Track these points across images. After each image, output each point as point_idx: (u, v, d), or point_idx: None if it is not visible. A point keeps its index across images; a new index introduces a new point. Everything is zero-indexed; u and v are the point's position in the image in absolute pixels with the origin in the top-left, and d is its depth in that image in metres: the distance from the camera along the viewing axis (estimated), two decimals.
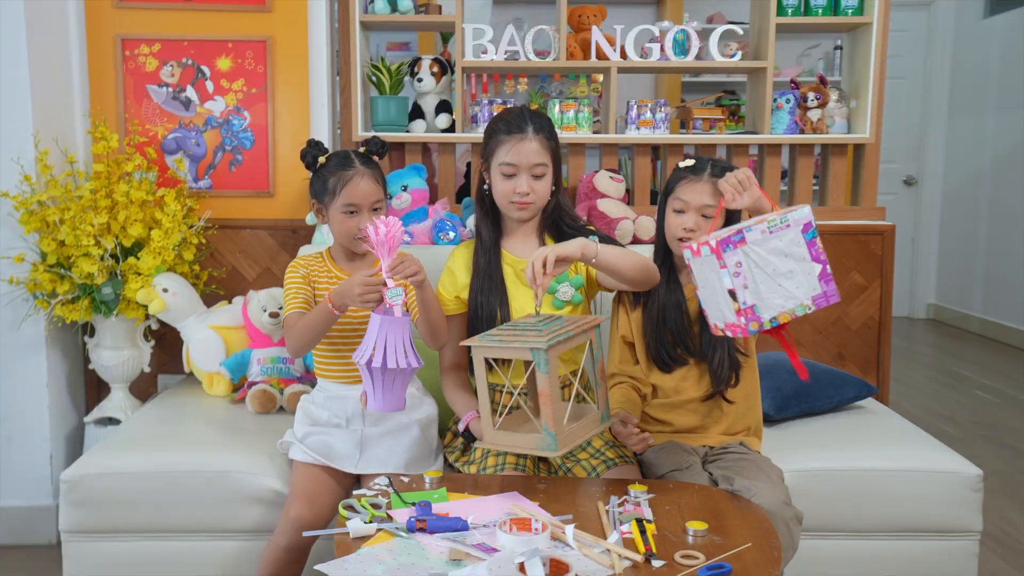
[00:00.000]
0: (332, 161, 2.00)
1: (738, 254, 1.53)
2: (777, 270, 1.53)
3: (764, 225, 1.53)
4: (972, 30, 6.08)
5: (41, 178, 2.55)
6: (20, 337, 2.60)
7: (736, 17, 5.36)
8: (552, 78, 5.62)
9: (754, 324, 1.55)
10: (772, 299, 1.54)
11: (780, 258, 1.53)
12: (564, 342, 1.62)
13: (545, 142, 1.99)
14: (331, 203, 1.98)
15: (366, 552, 1.46)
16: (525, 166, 1.97)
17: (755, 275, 1.53)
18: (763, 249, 1.53)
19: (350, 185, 1.95)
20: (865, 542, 2.06)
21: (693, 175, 1.94)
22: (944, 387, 4.59)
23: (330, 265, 2.04)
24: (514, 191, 1.98)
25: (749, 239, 1.53)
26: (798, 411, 2.32)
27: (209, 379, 2.49)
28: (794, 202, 2.99)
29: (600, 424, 1.74)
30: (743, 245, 1.53)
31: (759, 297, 1.54)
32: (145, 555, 2.03)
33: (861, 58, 2.94)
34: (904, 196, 6.48)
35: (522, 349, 1.60)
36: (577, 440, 1.67)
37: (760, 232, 1.53)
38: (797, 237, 1.53)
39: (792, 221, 1.53)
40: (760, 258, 1.53)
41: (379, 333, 1.67)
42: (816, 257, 1.53)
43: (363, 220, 1.95)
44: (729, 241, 1.53)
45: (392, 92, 2.89)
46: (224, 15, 2.78)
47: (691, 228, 1.92)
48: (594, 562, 1.41)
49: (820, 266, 1.52)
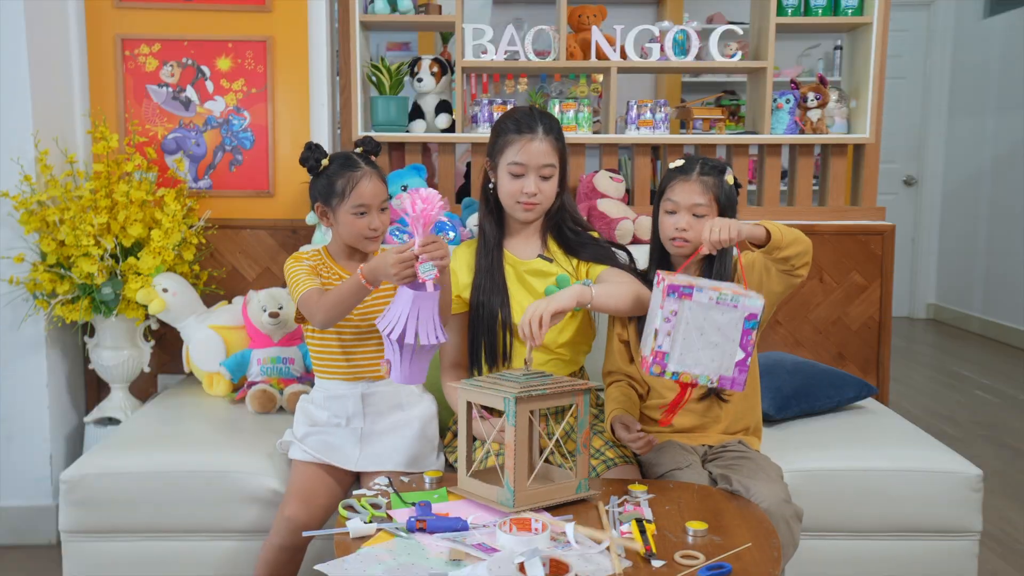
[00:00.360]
0: (336, 163, 1.99)
1: (678, 304, 1.59)
2: (705, 337, 1.59)
3: (715, 295, 1.58)
4: (972, 30, 6.08)
5: (41, 178, 2.55)
6: (20, 337, 2.60)
7: (736, 17, 5.36)
8: (552, 78, 5.62)
9: (657, 368, 1.62)
10: (685, 357, 1.60)
11: (713, 329, 1.59)
12: (539, 398, 1.60)
13: (554, 143, 1.98)
14: (339, 205, 1.97)
15: (366, 552, 1.46)
16: (534, 166, 1.96)
17: (682, 330, 1.59)
18: (701, 313, 1.59)
19: (360, 186, 1.95)
20: (865, 542, 2.06)
21: (682, 175, 1.95)
22: (944, 387, 4.59)
23: (330, 263, 2.05)
24: (521, 191, 1.97)
25: (695, 297, 1.58)
26: (798, 411, 2.32)
27: (209, 379, 2.49)
28: (794, 203, 3.00)
29: (573, 493, 1.66)
30: (687, 299, 1.59)
31: (674, 349, 1.60)
32: (145, 555, 2.03)
33: (861, 58, 2.94)
34: (904, 196, 6.48)
35: (496, 397, 1.60)
36: (538, 502, 1.60)
37: (708, 298, 1.58)
38: (737, 321, 1.59)
39: (741, 305, 1.59)
40: (695, 319, 1.59)
41: (411, 308, 1.66)
42: (744, 346, 1.59)
43: (373, 220, 1.96)
44: (677, 289, 1.58)
45: (392, 92, 2.89)
46: (224, 15, 2.78)
47: (683, 228, 1.92)
48: (594, 562, 1.41)
49: (743, 355, 1.58)
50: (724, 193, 1.93)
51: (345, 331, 1.99)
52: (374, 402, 1.99)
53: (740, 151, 3.00)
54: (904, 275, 6.44)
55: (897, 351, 5.31)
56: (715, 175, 1.93)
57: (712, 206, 1.92)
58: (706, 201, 1.91)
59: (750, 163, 3.65)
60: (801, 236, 1.78)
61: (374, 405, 1.99)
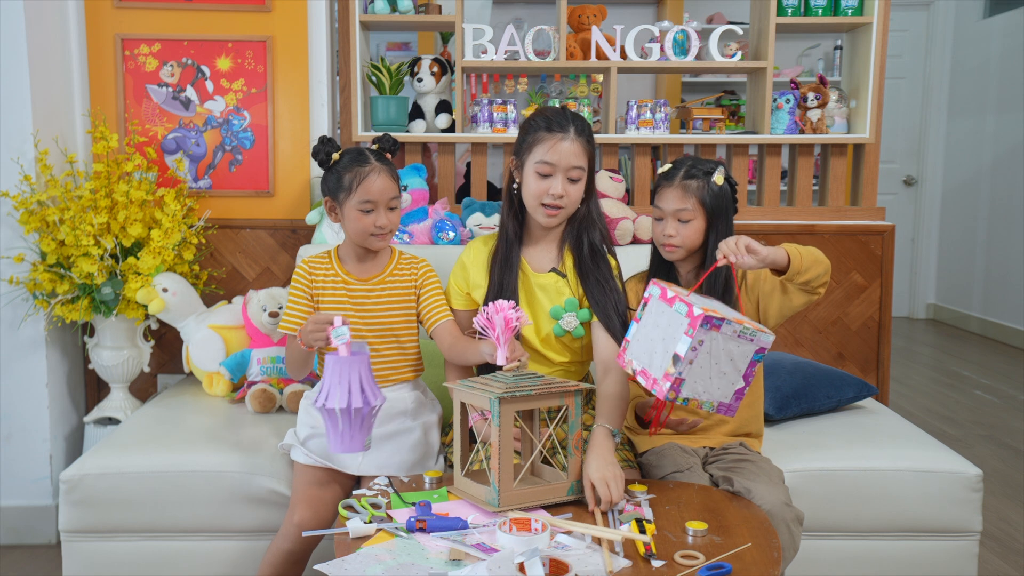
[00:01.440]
0: (346, 157, 1.95)
1: (707, 335, 1.60)
2: (719, 366, 1.61)
3: (739, 328, 1.60)
4: (972, 30, 6.08)
5: (41, 178, 2.55)
6: (20, 337, 2.60)
7: (736, 17, 5.37)
8: (552, 78, 5.62)
9: (671, 394, 1.63)
10: (697, 384, 1.62)
11: (727, 359, 1.61)
12: (524, 399, 1.59)
13: (585, 145, 1.91)
14: (346, 200, 1.92)
15: (366, 552, 1.46)
16: (563, 167, 1.87)
17: (703, 359, 1.61)
18: (723, 345, 1.61)
19: (367, 182, 1.90)
20: (865, 542, 2.06)
21: (666, 180, 1.94)
22: (944, 387, 4.59)
23: (337, 268, 2.00)
24: (547, 192, 1.89)
25: (723, 330, 1.60)
26: (798, 411, 2.32)
27: (209, 379, 2.49)
28: (794, 203, 3.00)
29: (563, 495, 1.65)
30: (716, 331, 1.60)
31: (690, 376, 1.62)
32: (145, 555, 2.03)
33: (861, 58, 2.94)
34: (904, 196, 6.49)
35: (483, 397, 1.60)
36: (525, 502, 1.60)
37: (733, 331, 1.60)
38: (749, 353, 1.61)
39: (756, 339, 1.61)
40: (716, 350, 1.61)
41: (330, 374, 1.65)
42: (747, 377, 1.61)
43: (379, 217, 1.92)
44: (710, 321, 1.59)
45: (392, 92, 2.89)
46: (224, 15, 2.78)
47: (670, 234, 1.91)
48: (594, 562, 1.41)
49: (744, 385, 1.62)
50: (711, 195, 1.89)
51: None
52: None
53: (740, 151, 3.00)
54: (904, 275, 6.45)
55: (897, 351, 5.31)
56: (700, 177, 1.90)
57: (697, 210, 1.89)
58: (689, 206, 1.88)
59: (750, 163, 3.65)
60: (820, 257, 1.78)
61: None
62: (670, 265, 2.01)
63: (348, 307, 1.96)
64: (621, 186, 2.83)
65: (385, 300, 1.98)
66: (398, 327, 1.99)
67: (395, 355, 1.99)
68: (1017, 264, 5.51)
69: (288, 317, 1.97)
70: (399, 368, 2.00)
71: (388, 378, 1.99)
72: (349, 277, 1.99)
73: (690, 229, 1.90)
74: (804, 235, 2.90)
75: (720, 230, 1.90)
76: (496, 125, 2.92)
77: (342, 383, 1.63)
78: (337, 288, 1.98)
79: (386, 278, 1.99)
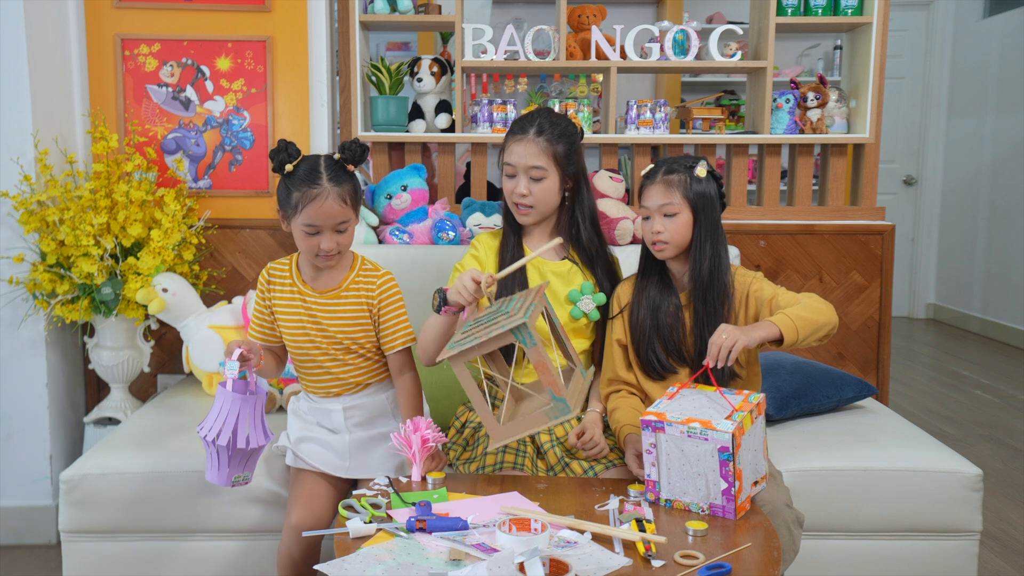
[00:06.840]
0: (299, 171, 1.83)
1: (654, 437, 1.64)
2: (688, 467, 1.62)
3: (685, 428, 1.61)
4: (972, 30, 6.08)
5: (41, 178, 2.55)
6: (20, 337, 2.60)
7: (736, 17, 5.37)
8: (552, 78, 5.62)
9: (651, 495, 1.67)
10: (676, 484, 1.64)
11: (692, 460, 1.62)
12: (534, 312, 1.62)
13: (546, 145, 1.97)
14: (293, 217, 1.83)
15: (366, 552, 1.46)
16: (522, 167, 1.98)
17: (664, 460, 1.64)
18: (676, 446, 1.62)
19: (312, 206, 1.79)
20: (865, 542, 2.06)
21: (648, 180, 1.93)
22: (944, 387, 4.59)
23: (295, 278, 1.95)
24: (513, 191, 2.00)
25: (667, 431, 1.62)
26: (798, 411, 2.32)
27: (209, 379, 2.49)
28: (794, 203, 3.00)
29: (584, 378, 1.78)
30: (661, 433, 1.63)
31: (662, 478, 1.65)
32: (145, 555, 2.03)
33: (861, 58, 2.94)
34: (904, 196, 6.49)
35: (503, 335, 1.58)
36: (582, 397, 1.69)
37: (679, 432, 1.61)
38: (712, 452, 1.60)
39: (711, 439, 1.59)
40: (673, 450, 1.63)
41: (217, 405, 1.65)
42: (725, 477, 1.60)
43: (325, 241, 1.82)
44: (650, 424, 1.63)
45: (392, 92, 2.89)
46: (224, 15, 2.78)
47: (658, 230, 1.90)
48: (594, 562, 1.41)
49: (726, 485, 1.60)
50: (694, 188, 1.88)
51: (315, 351, 1.94)
52: (354, 414, 1.96)
53: (740, 151, 3.00)
54: (904, 275, 6.44)
55: (897, 351, 5.31)
56: (682, 171, 1.89)
57: (682, 204, 1.88)
58: (674, 200, 1.88)
59: (750, 163, 3.65)
60: (820, 321, 1.77)
61: (354, 417, 1.96)
62: (661, 265, 1.98)
63: (304, 319, 1.91)
64: (621, 186, 2.82)
65: (340, 314, 1.91)
66: (358, 337, 1.93)
67: (359, 361, 1.95)
68: (1017, 264, 5.51)
69: (252, 324, 1.99)
70: (366, 373, 1.97)
71: (358, 385, 1.96)
72: (305, 288, 1.93)
73: (677, 223, 1.88)
74: (804, 235, 2.90)
75: (706, 225, 1.89)
76: (496, 125, 2.92)
77: (221, 417, 1.66)
78: (294, 299, 1.93)
79: (341, 292, 1.91)
